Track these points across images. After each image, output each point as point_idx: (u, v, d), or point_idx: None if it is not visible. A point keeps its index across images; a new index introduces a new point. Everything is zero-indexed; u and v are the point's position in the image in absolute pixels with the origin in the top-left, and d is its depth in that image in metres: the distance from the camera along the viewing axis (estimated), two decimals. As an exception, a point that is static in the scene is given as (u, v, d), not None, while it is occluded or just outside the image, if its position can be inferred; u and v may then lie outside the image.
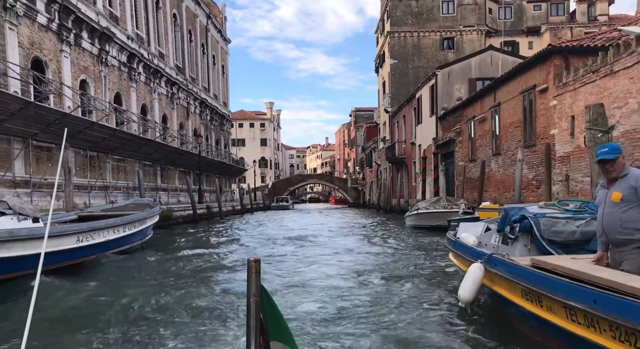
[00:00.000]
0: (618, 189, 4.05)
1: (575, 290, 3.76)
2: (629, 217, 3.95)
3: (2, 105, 15.66)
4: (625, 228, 3.97)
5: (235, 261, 11.57)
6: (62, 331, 5.80)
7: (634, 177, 3.99)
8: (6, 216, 8.76)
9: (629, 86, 10.98)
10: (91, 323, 6.00)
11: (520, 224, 5.71)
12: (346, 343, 5.05)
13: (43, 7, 20.38)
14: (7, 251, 8.26)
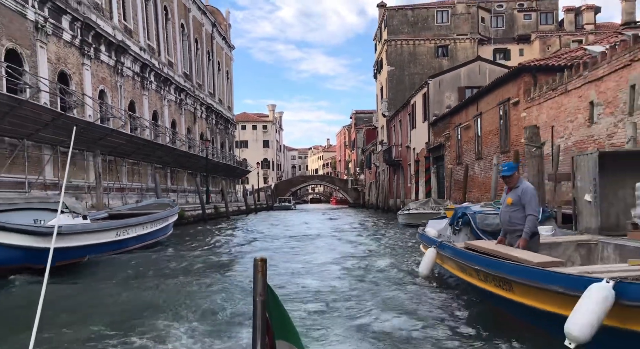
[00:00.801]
0: (511, 196, 6.08)
1: (478, 259, 5.81)
2: (515, 216, 6.00)
3: (38, 117, 17.72)
4: (512, 223, 6.03)
5: (245, 256, 13.61)
6: (89, 313, 6.81)
7: (521, 189, 6.01)
8: (64, 214, 10.80)
9: (578, 103, 12.99)
10: (115, 311, 6.78)
11: (462, 219, 7.72)
12: (333, 306, 7.07)
13: (67, 25, 22.46)
14: (66, 242, 10.32)
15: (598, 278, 3.69)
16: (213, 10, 53.17)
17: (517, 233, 5.94)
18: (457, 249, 6.76)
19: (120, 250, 12.45)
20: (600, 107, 11.97)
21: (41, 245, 9.34)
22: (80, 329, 5.83)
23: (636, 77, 10.50)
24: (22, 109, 16.48)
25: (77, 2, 23.24)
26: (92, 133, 21.68)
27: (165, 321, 6.13)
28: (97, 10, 25.47)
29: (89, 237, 10.98)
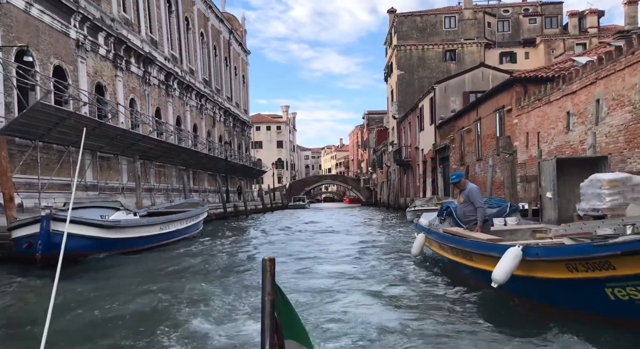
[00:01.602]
0: (462, 196, 8.18)
1: (454, 239, 7.83)
2: (467, 210, 8.10)
3: (82, 126, 19.98)
4: (466, 215, 8.11)
5: (268, 248, 15.69)
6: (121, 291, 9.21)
7: (467, 190, 8.13)
8: (120, 211, 13.00)
9: (558, 113, 14.86)
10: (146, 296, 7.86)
11: (446, 211, 9.73)
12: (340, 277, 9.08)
13: (103, 41, 24.75)
14: (119, 233, 12.48)
15: (513, 244, 5.69)
16: (230, 17, 55.48)
17: (472, 222, 8.03)
18: (438, 233, 8.79)
19: (162, 242, 14.61)
20: (574, 117, 13.84)
21: (108, 236, 11.53)
22: (105, 318, 6.56)
23: (600, 93, 12.36)
24: (70, 120, 18.74)
25: (110, 20, 25.54)
26: (126, 140, 24.01)
27: (183, 316, 6.43)
28: (127, 26, 27.78)
29: (141, 230, 13.17)
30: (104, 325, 6.19)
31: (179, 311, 6.65)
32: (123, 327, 6.07)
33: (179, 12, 36.92)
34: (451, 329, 5.43)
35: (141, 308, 7.03)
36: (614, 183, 8.06)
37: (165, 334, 5.58)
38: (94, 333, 5.89)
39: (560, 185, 10.14)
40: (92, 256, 11.42)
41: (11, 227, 11.20)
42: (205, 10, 43.48)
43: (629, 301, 4.56)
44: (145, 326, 6.02)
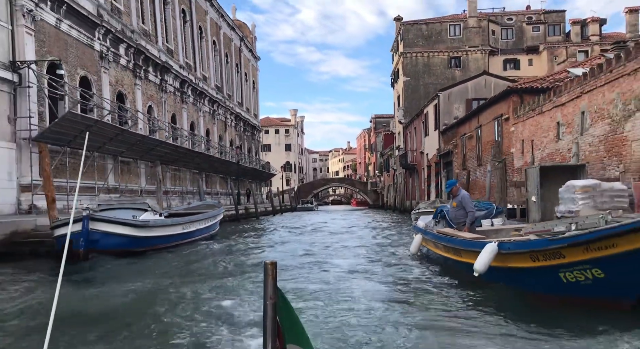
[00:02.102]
0: (455, 201, 9.42)
1: (445, 238, 9.08)
2: (459, 214, 9.36)
3: (105, 132, 21.40)
4: (457, 217, 9.36)
5: (279, 247, 16.98)
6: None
7: (460, 196, 9.39)
8: (148, 212, 14.35)
9: (549, 123, 16.06)
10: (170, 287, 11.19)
11: (440, 214, 10.99)
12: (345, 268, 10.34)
13: (124, 51, 26.20)
14: (150, 232, 13.83)
15: (490, 241, 6.95)
16: (240, 24, 56.95)
17: (462, 223, 9.31)
18: (433, 233, 10.05)
19: (184, 241, 15.95)
20: (563, 127, 15.03)
21: (139, 234, 12.89)
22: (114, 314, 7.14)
23: (584, 106, 13.55)
24: (95, 127, 20.15)
25: (130, 31, 27.01)
26: (145, 145, 25.43)
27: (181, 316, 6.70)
28: (146, 36, 29.25)
29: (166, 230, 14.53)
30: (121, 317, 6.90)
31: (193, 312, 6.93)
32: (134, 321, 6.62)
33: (193, 22, 38.40)
34: (441, 314, 6.69)
35: (153, 304, 7.52)
36: (585, 188, 9.28)
37: (177, 334, 5.79)
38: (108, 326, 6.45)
39: (545, 190, 11.36)
40: (125, 253, 12.77)
41: (53, 226, 12.56)
42: (217, 19, 44.97)
43: (576, 282, 5.81)
44: (148, 324, 6.33)
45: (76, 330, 6.05)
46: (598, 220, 5.61)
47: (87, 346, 5.50)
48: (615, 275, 5.34)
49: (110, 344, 5.59)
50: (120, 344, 5.62)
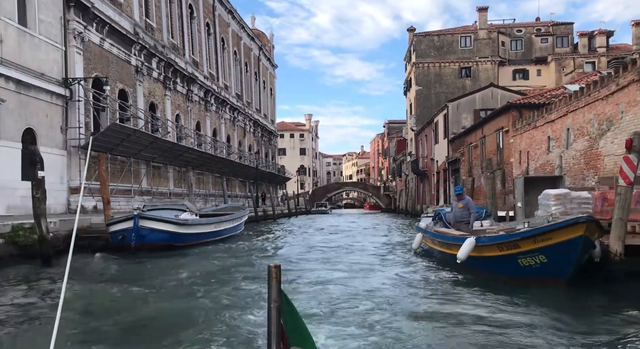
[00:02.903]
0: (462, 203, 11.37)
1: (440, 235, 11.08)
2: (464, 214, 11.32)
3: (142, 141, 23.65)
4: (462, 217, 11.34)
5: (294, 247, 19.00)
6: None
7: (466, 200, 11.36)
8: (186, 212, 16.50)
9: (542, 137, 17.93)
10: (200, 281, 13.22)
11: (438, 216, 12.96)
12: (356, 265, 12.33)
13: (155, 65, 28.52)
14: (189, 229, 15.96)
15: (470, 236, 8.94)
16: (259, 33, 59.24)
17: (465, 222, 11.28)
18: (431, 232, 12.05)
19: (215, 238, 18.07)
20: (553, 141, 16.88)
21: (180, 231, 15.05)
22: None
23: (569, 124, 15.42)
24: (133, 136, 22.41)
25: (162, 46, 29.34)
26: (175, 152, 27.71)
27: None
28: (174, 50, 31.59)
29: (202, 228, 16.68)
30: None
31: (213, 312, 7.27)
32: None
33: (216, 34, 40.74)
34: (433, 292, 8.68)
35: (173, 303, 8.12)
36: (557, 196, 11.16)
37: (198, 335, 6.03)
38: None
39: (529, 197, 13.26)
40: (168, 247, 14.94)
41: (109, 223, 14.77)
42: (238, 30, 47.31)
43: (529, 266, 7.78)
44: (165, 323, 6.81)
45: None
46: (543, 220, 7.57)
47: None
48: (554, 259, 7.30)
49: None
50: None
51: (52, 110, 19.36)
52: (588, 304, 7.15)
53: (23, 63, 17.55)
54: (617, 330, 5.79)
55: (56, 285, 9.85)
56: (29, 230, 12.38)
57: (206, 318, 6.75)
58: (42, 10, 18.84)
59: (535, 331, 5.71)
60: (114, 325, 6.60)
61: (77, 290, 9.04)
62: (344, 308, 7.23)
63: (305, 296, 8.01)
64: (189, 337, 5.84)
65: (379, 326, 6.12)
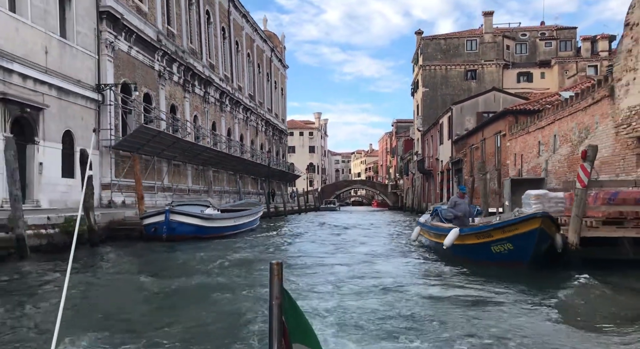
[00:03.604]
0: (466, 200, 13.14)
1: (433, 228, 12.86)
2: (465, 210, 13.06)
3: (165, 141, 25.55)
4: (466, 213, 13.08)
5: (306, 240, 20.81)
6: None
7: (466, 198, 13.10)
8: (209, 208, 18.37)
9: (533, 141, 19.59)
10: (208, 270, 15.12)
11: (434, 212, 14.72)
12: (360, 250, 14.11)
13: (176, 69, 30.41)
14: (213, 222, 17.83)
15: (455, 227, 10.71)
16: (270, 35, 61.01)
17: (466, 217, 13.02)
18: (428, 225, 13.82)
19: (235, 231, 19.93)
20: (543, 146, 18.55)
21: (205, 225, 16.93)
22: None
23: (556, 130, 17.09)
24: (158, 137, 24.32)
25: (182, 51, 31.23)
26: (193, 151, 29.62)
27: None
28: (193, 55, 33.48)
29: (223, 222, 18.54)
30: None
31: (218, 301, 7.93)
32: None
33: (231, 38, 42.59)
34: (424, 273, 10.45)
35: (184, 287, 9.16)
36: (537, 196, 12.85)
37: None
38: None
39: (516, 196, 14.97)
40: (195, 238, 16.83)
41: (142, 217, 16.66)
42: (251, 33, 49.14)
43: (499, 252, 9.54)
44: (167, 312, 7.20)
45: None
46: (511, 215, 9.31)
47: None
48: (518, 247, 9.06)
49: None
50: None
51: (87, 113, 21.30)
52: (545, 281, 8.93)
53: (63, 71, 19.49)
54: (563, 298, 7.60)
55: (103, 264, 11.88)
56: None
57: (214, 308, 7.36)
58: (79, 23, 20.76)
59: (503, 302, 7.46)
60: (151, 290, 8.46)
61: (126, 269, 10.95)
62: (348, 283, 9.04)
63: (316, 277, 9.82)
64: (193, 320, 6.59)
65: (374, 298, 7.90)
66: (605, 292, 8.08)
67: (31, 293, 8.30)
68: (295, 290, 8.32)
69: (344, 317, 6.64)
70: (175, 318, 6.69)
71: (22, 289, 8.63)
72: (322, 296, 7.99)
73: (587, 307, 7.34)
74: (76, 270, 10.41)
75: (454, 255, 10.96)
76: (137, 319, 6.73)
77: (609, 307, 7.20)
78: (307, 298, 7.77)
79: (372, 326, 6.23)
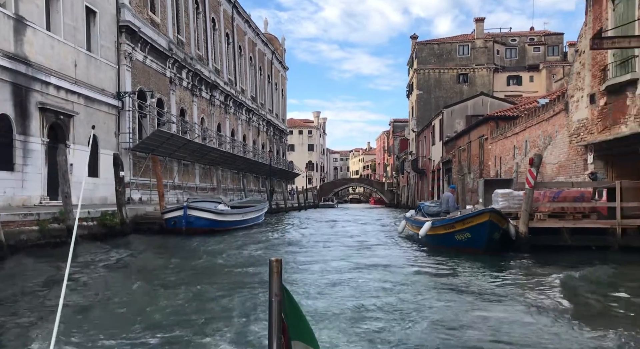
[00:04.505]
0: (454, 195, 15.53)
1: (414, 221, 15.24)
2: (451, 206, 15.43)
3: (175, 143, 27.84)
4: (449, 207, 15.47)
5: (308, 232, 23.15)
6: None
7: (454, 195, 15.51)
8: (221, 204, 20.71)
9: (510, 145, 21.95)
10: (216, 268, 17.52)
11: (419, 208, 17.09)
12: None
13: (185, 75, 32.69)
14: (225, 217, 20.17)
15: (429, 220, 13.09)
16: (271, 38, 63.23)
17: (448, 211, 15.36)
18: (411, 219, 16.18)
19: (243, 225, 22.26)
20: (517, 150, 20.91)
21: (218, 219, 19.29)
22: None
23: (527, 137, 19.46)
24: (172, 139, 26.62)
25: (190, 58, 33.50)
26: (201, 152, 31.94)
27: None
28: (200, 61, 35.75)
29: (233, 216, 20.89)
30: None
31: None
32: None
33: (235, 43, 44.86)
34: (403, 257, 12.80)
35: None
36: (503, 195, 15.21)
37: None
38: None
39: (489, 195, 17.34)
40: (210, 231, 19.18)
41: (163, 212, 18.99)
42: (254, 37, 51.40)
43: (461, 240, 11.92)
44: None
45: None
46: (470, 210, 11.67)
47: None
48: (474, 235, 11.42)
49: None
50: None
51: (109, 118, 23.60)
52: (498, 261, 11.30)
53: (90, 81, 21.79)
54: (509, 273, 9.97)
55: (133, 250, 14.22)
56: (110, 215, 16.64)
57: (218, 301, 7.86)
58: (102, 37, 23.04)
59: (464, 278, 9.78)
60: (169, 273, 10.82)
61: (150, 255, 13.31)
62: (338, 270, 11.39)
63: (312, 260, 12.19)
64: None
65: (363, 277, 10.25)
66: (545, 271, 10.43)
67: (90, 266, 10.69)
68: (294, 272, 10.69)
69: (330, 295, 8.98)
70: (191, 293, 8.92)
71: (83, 264, 11.00)
72: (314, 275, 10.33)
73: (528, 280, 9.68)
74: (120, 253, 12.78)
75: (428, 243, 13.33)
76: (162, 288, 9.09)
77: (547, 281, 9.50)
78: (301, 273, 10.13)
79: (353, 309, 7.81)
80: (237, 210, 21.79)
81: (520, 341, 5.55)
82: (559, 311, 6.92)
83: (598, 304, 7.40)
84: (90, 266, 11.01)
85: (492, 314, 6.71)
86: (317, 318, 6.45)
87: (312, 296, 7.91)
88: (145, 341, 5.55)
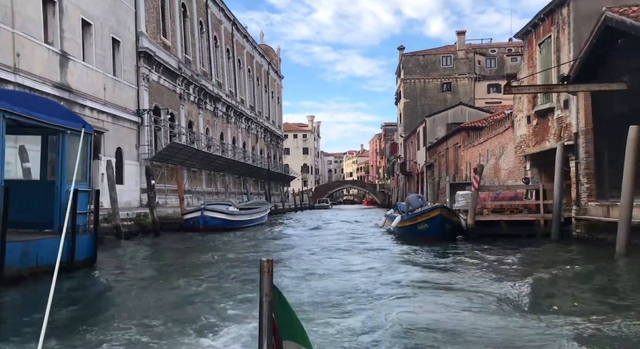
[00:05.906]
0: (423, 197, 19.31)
1: (389, 217, 18.95)
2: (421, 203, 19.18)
3: (186, 152, 31.42)
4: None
5: (305, 229, 26.79)
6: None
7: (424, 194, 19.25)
8: (232, 206, 24.35)
9: (477, 153, 25.70)
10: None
11: (396, 206, 20.76)
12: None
13: (192, 90, 36.30)
14: (235, 217, 23.81)
15: (399, 215, 16.81)
16: (267, 48, 66.87)
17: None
18: (389, 216, 19.87)
19: (249, 225, 25.90)
20: (481, 157, 24.67)
21: (230, 219, 22.96)
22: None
23: (489, 147, 23.22)
24: (184, 150, 30.22)
25: (196, 75, 37.13)
26: (208, 159, 35.56)
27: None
28: (205, 76, 39.39)
29: (242, 217, 24.55)
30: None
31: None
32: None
33: (234, 57, 48.52)
34: (380, 245, 16.47)
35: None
36: (463, 195, 18.92)
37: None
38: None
39: (454, 195, 21.08)
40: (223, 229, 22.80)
41: (183, 213, 22.62)
42: (251, 50, 55.07)
43: (422, 230, 15.61)
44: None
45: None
46: (430, 206, 15.37)
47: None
48: (431, 226, 15.11)
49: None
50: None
51: (131, 133, 27.19)
52: (450, 246, 14.98)
53: (115, 102, 25.37)
54: (460, 254, 13.65)
55: (164, 246, 17.76)
56: (143, 216, 20.25)
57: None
58: (125, 63, 26.64)
59: (422, 260, 13.42)
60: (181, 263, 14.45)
61: (173, 247, 16.98)
62: (329, 252, 15.02)
63: (307, 250, 15.84)
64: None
65: (350, 262, 13.90)
66: (485, 254, 14.07)
67: (137, 256, 14.33)
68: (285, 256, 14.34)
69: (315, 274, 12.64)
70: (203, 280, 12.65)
71: (131, 252, 14.61)
72: (302, 263, 13.95)
73: (472, 260, 13.29)
74: (159, 244, 16.43)
75: (398, 233, 17.02)
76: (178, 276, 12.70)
77: (487, 259, 13.08)
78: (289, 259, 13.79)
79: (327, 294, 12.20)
80: (245, 211, 25.42)
81: (458, 288, 9.22)
82: (492, 279, 10.55)
83: (524, 276, 10.95)
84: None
85: (440, 282, 10.24)
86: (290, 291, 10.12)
87: (303, 267, 11.57)
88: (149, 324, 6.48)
